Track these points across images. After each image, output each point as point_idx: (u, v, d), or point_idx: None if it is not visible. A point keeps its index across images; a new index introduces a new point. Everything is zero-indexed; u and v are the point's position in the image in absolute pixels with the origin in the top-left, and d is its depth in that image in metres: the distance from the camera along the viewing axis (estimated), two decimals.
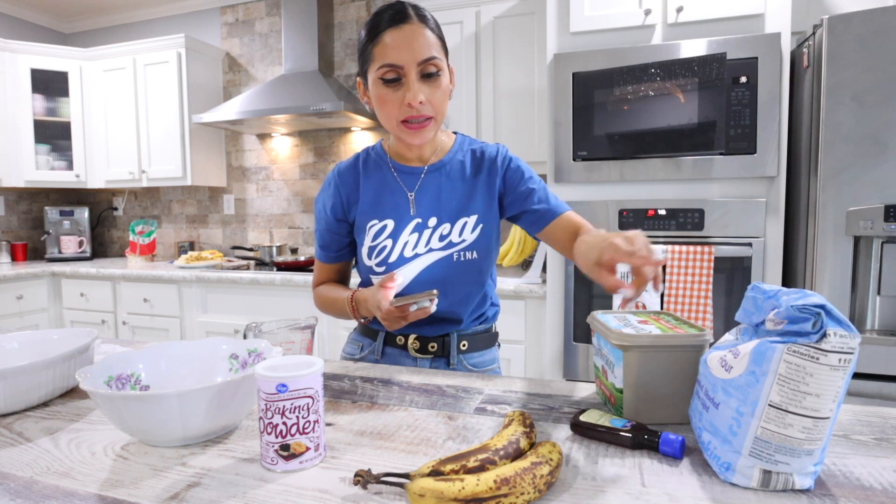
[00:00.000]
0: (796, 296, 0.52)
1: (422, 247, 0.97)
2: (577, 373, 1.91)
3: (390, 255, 0.98)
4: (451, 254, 0.97)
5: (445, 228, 0.98)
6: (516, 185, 0.99)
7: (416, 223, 0.98)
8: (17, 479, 0.56)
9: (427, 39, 0.86)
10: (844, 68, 1.50)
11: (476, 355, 1.04)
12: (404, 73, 0.86)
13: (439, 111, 0.91)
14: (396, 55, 0.85)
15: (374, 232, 0.99)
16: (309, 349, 0.88)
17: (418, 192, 0.99)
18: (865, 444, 0.61)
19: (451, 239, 0.97)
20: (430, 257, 0.97)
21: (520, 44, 2.26)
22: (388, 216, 0.99)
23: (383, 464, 0.59)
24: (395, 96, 0.87)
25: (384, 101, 0.88)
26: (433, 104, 0.89)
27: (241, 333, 2.56)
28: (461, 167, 1.00)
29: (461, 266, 0.98)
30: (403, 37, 0.85)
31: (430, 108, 0.88)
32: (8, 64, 3.00)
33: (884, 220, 1.47)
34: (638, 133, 1.76)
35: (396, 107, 0.88)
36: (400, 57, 0.85)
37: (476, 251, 0.98)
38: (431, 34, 0.87)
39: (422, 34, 0.86)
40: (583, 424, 0.65)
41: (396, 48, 0.85)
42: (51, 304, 2.98)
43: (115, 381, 0.70)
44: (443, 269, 0.97)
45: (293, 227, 3.19)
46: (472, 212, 0.98)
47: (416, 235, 0.97)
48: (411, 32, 0.85)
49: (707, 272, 1.69)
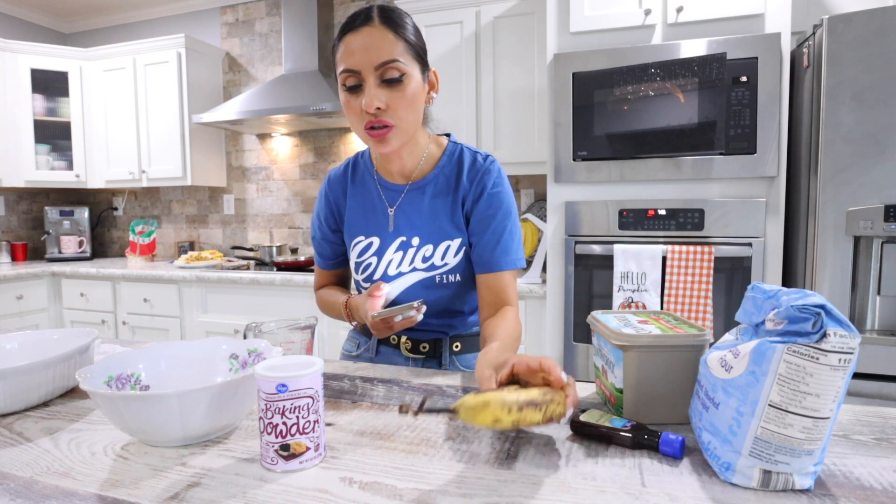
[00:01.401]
0: (796, 296, 0.52)
1: (406, 265, 0.97)
2: (577, 373, 1.91)
3: (375, 272, 0.98)
4: (433, 276, 0.96)
5: (428, 250, 0.96)
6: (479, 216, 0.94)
7: (400, 241, 0.97)
8: (17, 479, 0.56)
9: (388, 42, 0.81)
10: (844, 68, 1.50)
11: (470, 357, 1.04)
12: (362, 77, 0.82)
13: (403, 118, 0.84)
14: (353, 59, 0.81)
15: (360, 248, 1.00)
16: (309, 349, 0.88)
17: (398, 210, 0.97)
18: (865, 444, 0.61)
19: (434, 262, 0.95)
20: (414, 276, 0.96)
21: (520, 44, 2.25)
22: (373, 233, 0.99)
23: (383, 464, 0.59)
24: (356, 103, 0.83)
25: (348, 107, 0.85)
26: (394, 111, 0.83)
27: (241, 333, 2.56)
28: (446, 184, 0.96)
29: (445, 287, 0.97)
30: (361, 40, 0.81)
31: (391, 114, 0.83)
32: (8, 64, 3.00)
33: (884, 220, 1.47)
34: (638, 133, 1.76)
35: (358, 113, 0.84)
36: (357, 61, 0.81)
37: (459, 274, 0.96)
38: (395, 37, 0.82)
39: (382, 37, 0.81)
40: (583, 424, 0.65)
41: (354, 52, 0.81)
42: (51, 304, 2.98)
43: (115, 381, 0.70)
44: (426, 289, 0.97)
45: (293, 227, 3.19)
46: (456, 235, 0.95)
47: (400, 254, 0.97)
48: (369, 36, 0.81)
49: (707, 272, 1.69)
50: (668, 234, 1.77)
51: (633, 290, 1.77)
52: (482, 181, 0.94)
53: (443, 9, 2.34)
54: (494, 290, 0.92)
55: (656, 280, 1.75)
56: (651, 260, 1.75)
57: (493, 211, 0.93)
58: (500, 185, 0.95)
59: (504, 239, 0.93)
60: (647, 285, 1.76)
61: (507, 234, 0.93)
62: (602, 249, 1.82)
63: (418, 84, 0.85)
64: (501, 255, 0.92)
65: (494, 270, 0.92)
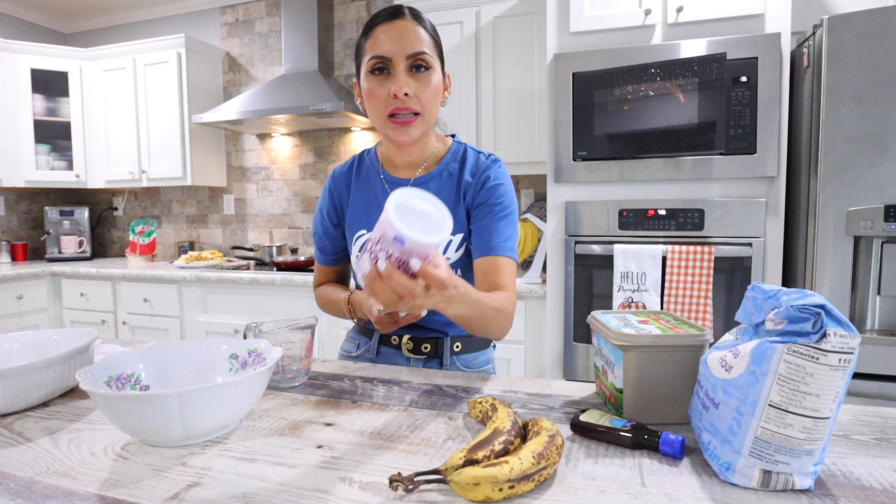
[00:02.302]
0: (796, 296, 0.52)
1: None
2: (577, 373, 1.91)
3: None
4: None
5: None
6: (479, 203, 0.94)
7: None
8: (17, 479, 0.56)
9: (419, 35, 0.86)
10: (844, 68, 1.50)
11: (470, 357, 1.04)
12: (393, 64, 0.86)
13: (427, 109, 0.89)
14: (386, 47, 0.85)
15: (361, 242, 1.00)
16: (309, 349, 0.88)
17: None
18: (865, 444, 0.61)
19: None
20: None
21: (520, 44, 2.25)
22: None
23: (383, 464, 0.59)
24: (383, 89, 0.87)
25: (372, 94, 0.88)
26: (421, 100, 0.87)
27: (241, 333, 2.56)
28: (450, 180, 0.98)
29: None
30: (395, 30, 0.86)
31: (417, 102, 0.87)
32: (8, 64, 3.00)
33: (884, 220, 1.47)
34: (638, 133, 1.76)
35: (383, 99, 0.87)
36: (389, 48, 0.85)
37: (461, 269, 0.98)
38: (425, 33, 0.87)
39: (414, 30, 0.86)
40: (583, 424, 0.65)
41: (387, 40, 0.85)
42: (51, 304, 2.98)
43: (115, 381, 0.70)
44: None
45: (293, 227, 3.19)
46: (457, 230, 0.96)
47: None
48: (403, 27, 0.86)
49: (707, 272, 1.69)
50: (668, 234, 1.77)
51: (633, 290, 1.77)
52: (485, 174, 0.95)
53: (443, 9, 2.34)
54: (489, 274, 0.91)
55: (656, 280, 1.75)
56: (651, 260, 1.75)
57: (493, 200, 0.94)
58: (503, 181, 0.96)
59: (502, 226, 0.93)
60: (647, 285, 1.76)
61: (506, 223, 0.93)
62: (602, 249, 1.82)
63: (440, 79, 0.90)
64: (499, 241, 0.92)
65: (490, 254, 0.91)
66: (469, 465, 0.52)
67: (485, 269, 0.92)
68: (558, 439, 0.56)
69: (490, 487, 0.50)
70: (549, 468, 0.53)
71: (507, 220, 0.93)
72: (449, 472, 0.52)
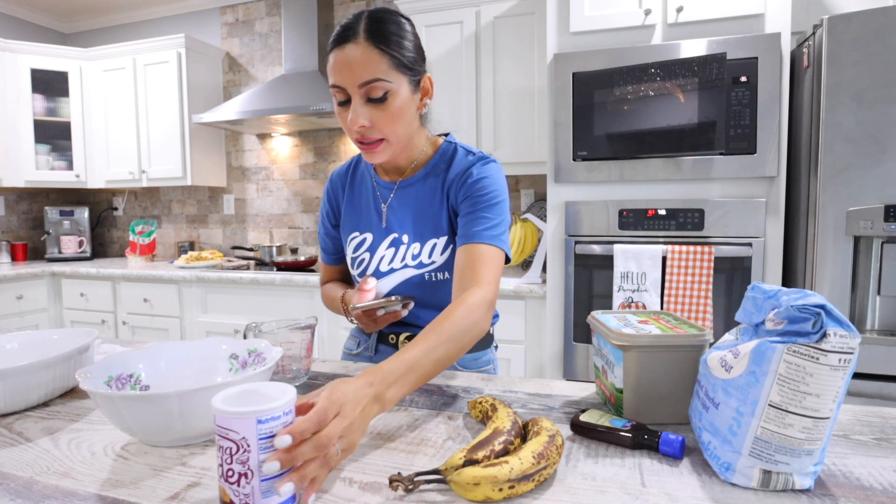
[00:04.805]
0: (796, 296, 0.52)
1: (397, 262, 0.98)
2: (577, 373, 1.91)
3: (368, 268, 1.00)
4: (423, 273, 0.96)
5: (416, 248, 0.97)
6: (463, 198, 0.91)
7: (392, 238, 0.98)
8: (17, 479, 0.56)
9: (371, 60, 0.79)
10: (844, 68, 1.50)
11: (470, 358, 1.04)
12: (349, 94, 0.82)
13: (391, 133, 0.84)
14: (338, 77, 0.81)
15: (354, 244, 1.02)
16: (309, 349, 0.88)
17: (390, 207, 0.99)
18: (865, 444, 0.61)
19: (422, 259, 0.96)
20: (405, 273, 0.97)
21: (520, 44, 2.25)
22: (367, 229, 1.01)
23: (383, 464, 0.59)
24: (345, 115, 0.84)
25: (340, 118, 0.86)
26: (380, 128, 0.83)
27: (241, 333, 2.56)
28: (434, 181, 0.96)
29: (435, 285, 0.97)
30: (344, 58, 0.80)
31: (376, 131, 0.84)
32: (8, 64, 2.99)
33: (884, 220, 1.47)
34: (638, 133, 1.76)
35: (348, 126, 0.84)
36: (342, 79, 0.81)
37: (447, 272, 0.97)
38: (380, 55, 0.80)
39: (366, 55, 0.79)
40: (583, 424, 0.65)
41: (338, 70, 0.81)
42: (51, 304, 2.98)
43: (115, 381, 0.70)
44: (417, 286, 0.97)
45: (293, 227, 3.19)
46: (442, 233, 0.95)
47: (392, 250, 0.98)
48: (352, 53, 0.79)
49: (707, 272, 1.69)
50: (668, 234, 1.77)
51: (633, 290, 1.77)
52: (468, 171, 0.92)
53: (443, 9, 2.34)
54: (467, 263, 0.85)
55: (656, 280, 1.75)
56: (651, 260, 1.75)
57: (476, 192, 0.90)
58: (487, 174, 0.91)
59: (484, 215, 0.88)
60: (647, 285, 1.76)
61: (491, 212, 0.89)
62: (602, 249, 1.82)
63: (405, 98, 0.84)
64: (479, 228, 0.87)
65: (467, 243, 0.87)
66: (469, 465, 0.52)
67: (460, 262, 0.87)
68: (558, 439, 0.56)
69: (490, 487, 0.50)
70: (549, 468, 0.53)
71: (490, 209, 0.89)
72: (449, 472, 0.52)
